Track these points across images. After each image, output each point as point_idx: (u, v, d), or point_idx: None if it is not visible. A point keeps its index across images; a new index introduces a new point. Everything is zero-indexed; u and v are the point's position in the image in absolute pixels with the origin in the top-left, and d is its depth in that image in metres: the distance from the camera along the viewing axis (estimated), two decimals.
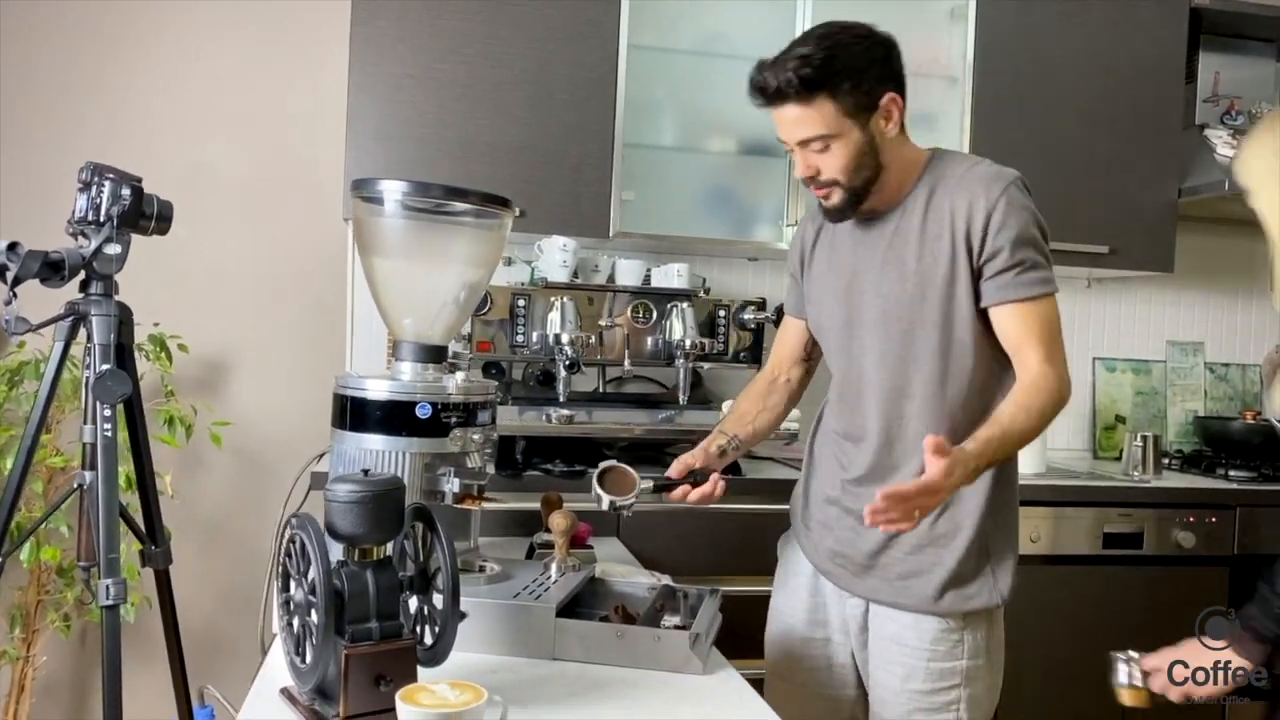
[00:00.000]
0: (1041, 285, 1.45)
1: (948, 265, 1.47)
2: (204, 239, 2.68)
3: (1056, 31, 2.78)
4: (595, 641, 1.32)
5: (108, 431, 1.55)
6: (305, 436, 2.59)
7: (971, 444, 1.35)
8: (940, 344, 1.48)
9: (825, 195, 1.51)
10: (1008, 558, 1.54)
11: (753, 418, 1.73)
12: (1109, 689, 1.43)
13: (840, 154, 1.45)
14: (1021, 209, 1.45)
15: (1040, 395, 1.42)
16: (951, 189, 1.48)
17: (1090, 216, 2.78)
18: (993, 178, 1.46)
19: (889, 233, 1.53)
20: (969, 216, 1.45)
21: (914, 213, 1.50)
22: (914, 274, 1.49)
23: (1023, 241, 1.44)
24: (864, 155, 1.46)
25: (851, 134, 1.44)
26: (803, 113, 1.43)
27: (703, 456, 1.65)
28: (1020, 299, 1.45)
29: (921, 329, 1.49)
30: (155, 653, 1.98)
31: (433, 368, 1.47)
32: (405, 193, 1.44)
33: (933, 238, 1.48)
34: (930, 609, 1.51)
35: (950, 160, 1.53)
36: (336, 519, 1.10)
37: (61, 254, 1.53)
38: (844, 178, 1.47)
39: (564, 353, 2.31)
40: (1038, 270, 1.45)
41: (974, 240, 1.45)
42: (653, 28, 2.58)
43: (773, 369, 1.79)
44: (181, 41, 2.69)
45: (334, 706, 1.08)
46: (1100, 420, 3.23)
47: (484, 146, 2.46)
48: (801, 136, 1.46)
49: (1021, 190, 1.47)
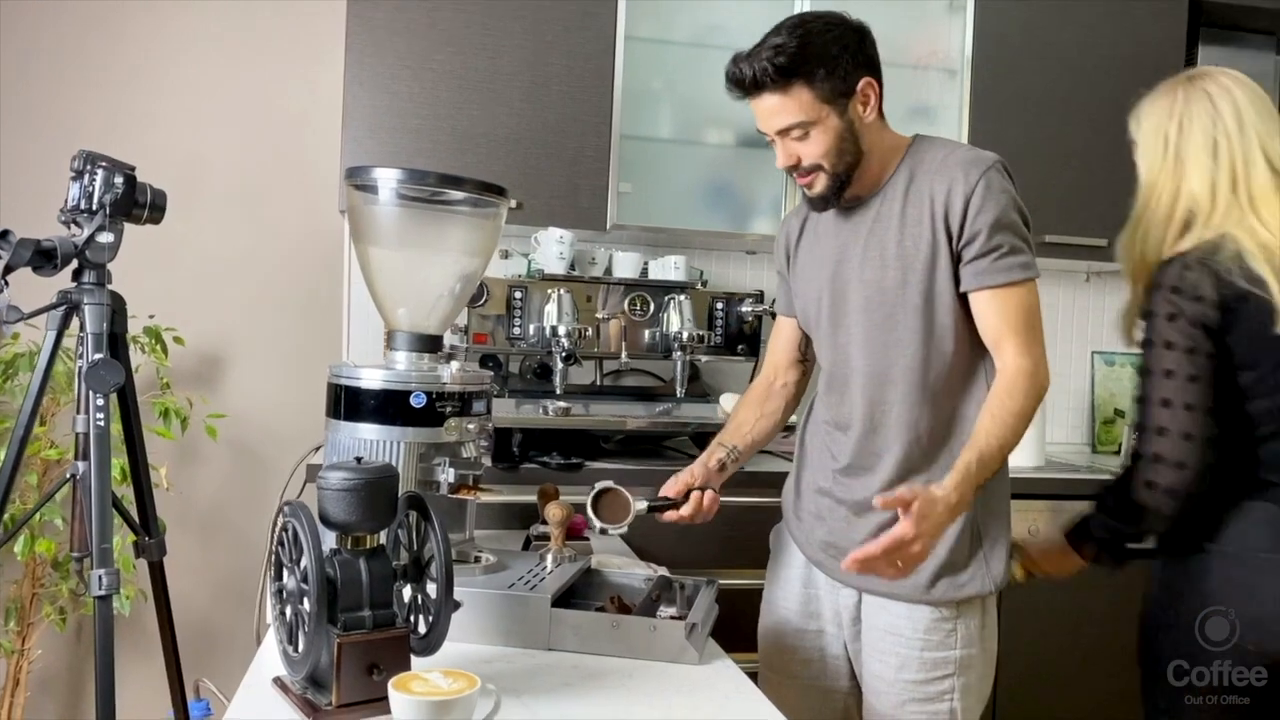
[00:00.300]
0: (1020, 270, 1.45)
1: (929, 249, 1.46)
2: (200, 231, 2.67)
3: (1055, 24, 2.77)
4: (590, 632, 1.31)
5: (100, 421, 1.54)
6: (301, 429, 2.58)
7: (951, 476, 1.36)
8: (922, 329, 1.48)
9: (809, 183, 1.52)
10: (1000, 544, 1.54)
11: (750, 427, 1.73)
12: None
13: (820, 140, 1.46)
14: (1000, 192, 1.44)
15: (1015, 398, 1.42)
16: (931, 173, 1.48)
17: (1089, 209, 2.77)
18: (972, 161, 1.46)
19: (870, 219, 1.53)
20: (948, 200, 1.45)
21: (894, 198, 1.51)
22: (895, 259, 1.49)
23: (1001, 225, 1.44)
24: (844, 141, 1.47)
25: (830, 120, 1.46)
26: (780, 101, 1.45)
27: (702, 473, 1.63)
28: (998, 285, 1.44)
29: (903, 314, 1.49)
30: (151, 646, 1.97)
31: (428, 357, 1.46)
32: (400, 180, 1.43)
33: (913, 222, 1.48)
34: (923, 598, 1.50)
35: (930, 145, 1.53)
36: (329, 506, 1.10)
37: (54, 242, 1.52)
38: (826, 163, 1.48)
39: (560, 345, 2.30)
40: (1016, 255, 1.44)
41: (953, 224, 1.45)
42: (650, 19, 2.57)
43: (769, 374, 1.78)
44: (178, 33, 2.68)
45: (326, 695, 1.07)
46: (1099, 414, 3.22)
47: (480, 138, 2.45)
48: (780, 125, 1.47)
49: (1001, 174, 1.46)
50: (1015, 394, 1.42)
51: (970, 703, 1.53)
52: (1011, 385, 1.43)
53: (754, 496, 2.19)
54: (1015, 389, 1.42)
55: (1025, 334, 1.44)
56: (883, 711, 1.54)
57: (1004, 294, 1.44)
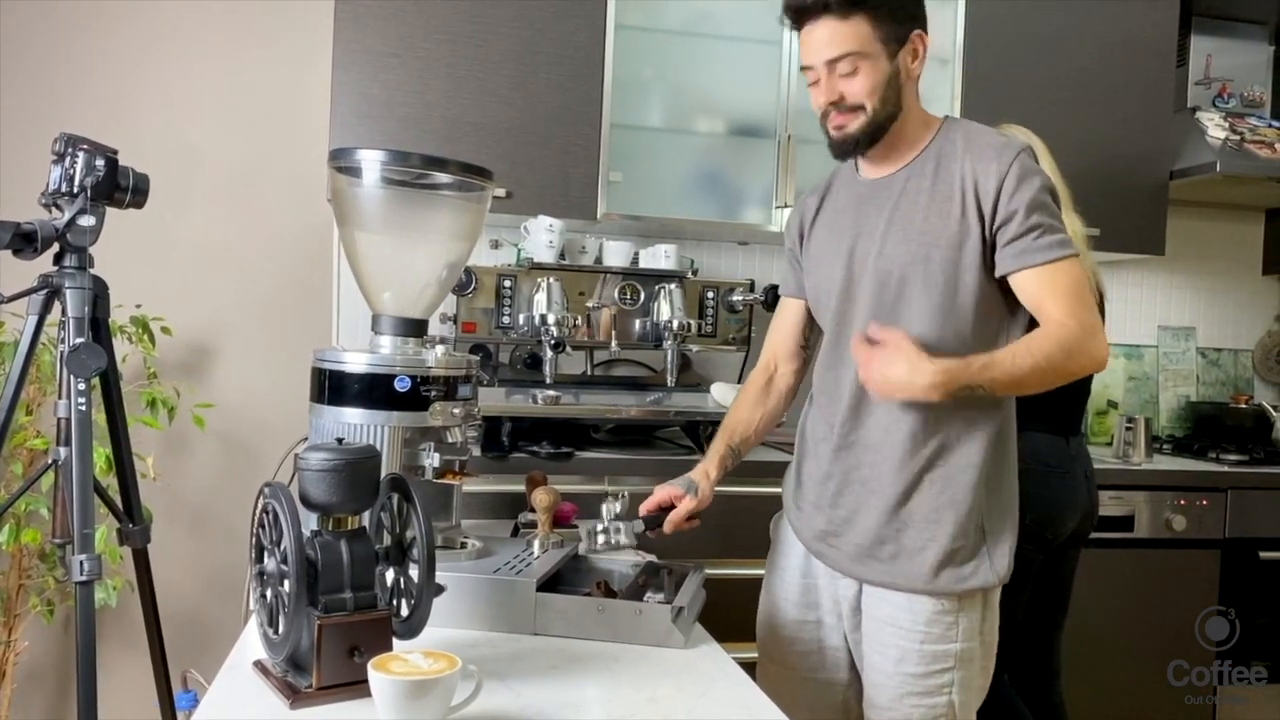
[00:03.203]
0: (1060, 248, 1.42)
1: (958, 228, 1.44)
2: (189, 221, 2.66)
3: (1047, 13, 2.76)
4: (576, 616, 1.30)
5: (82, 406, 1.52)
6: (289, 419, 2.56)
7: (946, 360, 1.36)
8: (941, 306, 1.45)
9: (844, 123, 1.48)
10: (1005, 537, 1.51)
11: (746, 426, 1.71)
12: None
13: (868, 77, 1.44)
14: (1034, 174, 1.44)
15: (1049, 341, 1.39)
16: (961, 154, 1.47)
17: (1080, 199, 2.75)
18: (1004, 145, 1.46)
19: (895, 193, 1.51)
20: (980, 181, 1.44)
21: (923, 175, 1.49)
22: (919, 234, 1.46)
23: (1037, 205, 1.42)
24: (889, 87, 1.45)
25: (880, 60, 1.44)
26: (838, 29, 1.42)
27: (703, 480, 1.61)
28: (1041, 263, 1.42)
29: (920, 290, 1.46)
30: (140, 638, 1.95)
31: (413, 341, 1.45)
32: (383, 162, 1.42)
33: (942, 199, 1.46)
34: (924, 589, 1.47)
35: (962, 127, 1.52)
36: (310, 487, 1.08)
37: (34, 225, 1.50)
38: (870, 102, 1.45)
39: (550, 333, 2.29)
40: (1054, 234, 1.43)
41: (985, 205, 1.43)
42: (640, 7, 2.56)
43: (767, 364, 1.75)
44: (166, 23, 2.66)
45: (307, 678, 1.06)
46: (1092, 405, 3.22)
47: (469, 126, 2.43)
48: (833, 54, 1.44)
49: (1031, 157, 1.46)
50: (1049, 338, 1.39)
51: (969, 696, 1.51)
52: (1047, 329, 1.40)
53: (749, 486, 2.18)
54: (1049, 335, 1.39)
55: (1072, 300, 1.41)
56: (881, 703, 1.52)
57: (1048, 270, 1.42)
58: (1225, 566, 2.63)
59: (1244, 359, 3.43)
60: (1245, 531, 2.63)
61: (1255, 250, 3.44)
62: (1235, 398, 3.32)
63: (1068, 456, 2.11)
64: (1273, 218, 3.41)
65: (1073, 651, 2.36)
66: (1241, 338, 3.44)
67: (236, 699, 1.07)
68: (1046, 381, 1.40)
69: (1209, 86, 3.14)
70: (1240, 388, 3.41)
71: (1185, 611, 2.62)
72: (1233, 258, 3.41)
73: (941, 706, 1.49)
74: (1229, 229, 3.39)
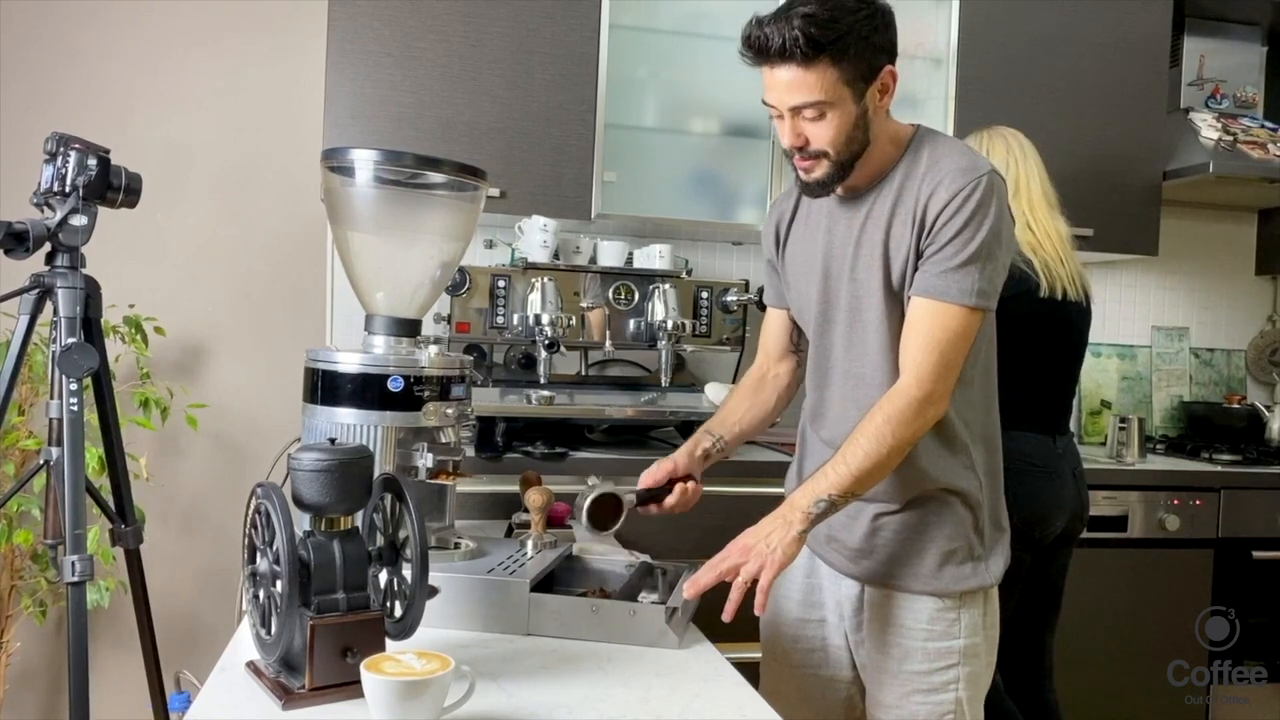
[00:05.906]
0: (965, 295, 1.35)
1: (908, 250, 1.40)
2: (182, 222, 2.65)
3: (1041, 13, 2.76)
4: (570, 616, 1.30)
5: (74, 405, 1.52)
6: (283, 420, 2.56)
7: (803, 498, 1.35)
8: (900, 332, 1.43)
9: (809, 168, 1.43)
10: (1001, 534, 1.52)
11: (739, 417, 1.69)
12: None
13: (833, 124, 1.37)
14: (979, 207, 1.36)
15: (876, 424, 1.35)
16: (923, 174, 1.41)
17: (1074, 199, 2.75)
18: (965, 169, 1.38)
19: (864, 215, 1.46)
20: (929, 203, 1.38)
21: (888, 195, 1.44)
22: (881, 258, 1.43)
23: (969, 241, 1.36)
24: (856, 128, 1.38)
25: (846, 104, 1.36)
26: (801, 76, 1.34)
27: (686, 463, 1.61)
28: (936, 298, 1.37)
29: (888, 316, 1.44)
30: (133, 640, 1.95)
31: (406, 341, 1.44)
32: (376, 162, 1.41)
33: (900, 223, 1.42)
34: (926, 589, 1.47)
35: (931, 143, 1.46)
36: (302, 487, 1.08)
37: (26, 224, 1.50)
38: (834, 150, 1.39)
39: (544, 333, 2.29)
40: (970, 277, 1.36)
41: (926, 223, 1.39)
42: (634, 7, 2.56)
43: (761, 364, 1.74)
44: (160, 22, 2.65)
45: (299, 678, 1.06)
46: (1085, 405, 3.23)
47: (463, 126, 2.43)
48: (796, 102, 1.37)
49: (989, 189, 1.38)
50: (880, 420, 1.35)
51: (975, 692, 1.50)
52: (883, 411, 1.35)
53: (749, 486, 2.18)
54: (883, 413, 1.35)
55: (933, 359, 1.36)
56: (886, 702, 1.51)
57: (936, 309, 1.36)
58: (1219, 566, 2.64)
59: (1237, 359, 3.44)
60: (1239, 531, 2.64)
61: (1248, 251, 3.45)
62: (1228, 398, 3.33)
63: (1055, 456, 2.11)
64: (1265, 218, 3.42)
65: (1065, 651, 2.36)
66: (1235, 338, 3.45)
67: (229, 700, 1.07)
68: (890, 462, 1.36)
69: (1202, 87, 3.15)
70: (1233, 388, 3.41)
71: (1179, 611, 2.63)
72: (1226, 258, 3.41)
73: (948, 703, 1.48)
74: (1222, 229, 3.40)
